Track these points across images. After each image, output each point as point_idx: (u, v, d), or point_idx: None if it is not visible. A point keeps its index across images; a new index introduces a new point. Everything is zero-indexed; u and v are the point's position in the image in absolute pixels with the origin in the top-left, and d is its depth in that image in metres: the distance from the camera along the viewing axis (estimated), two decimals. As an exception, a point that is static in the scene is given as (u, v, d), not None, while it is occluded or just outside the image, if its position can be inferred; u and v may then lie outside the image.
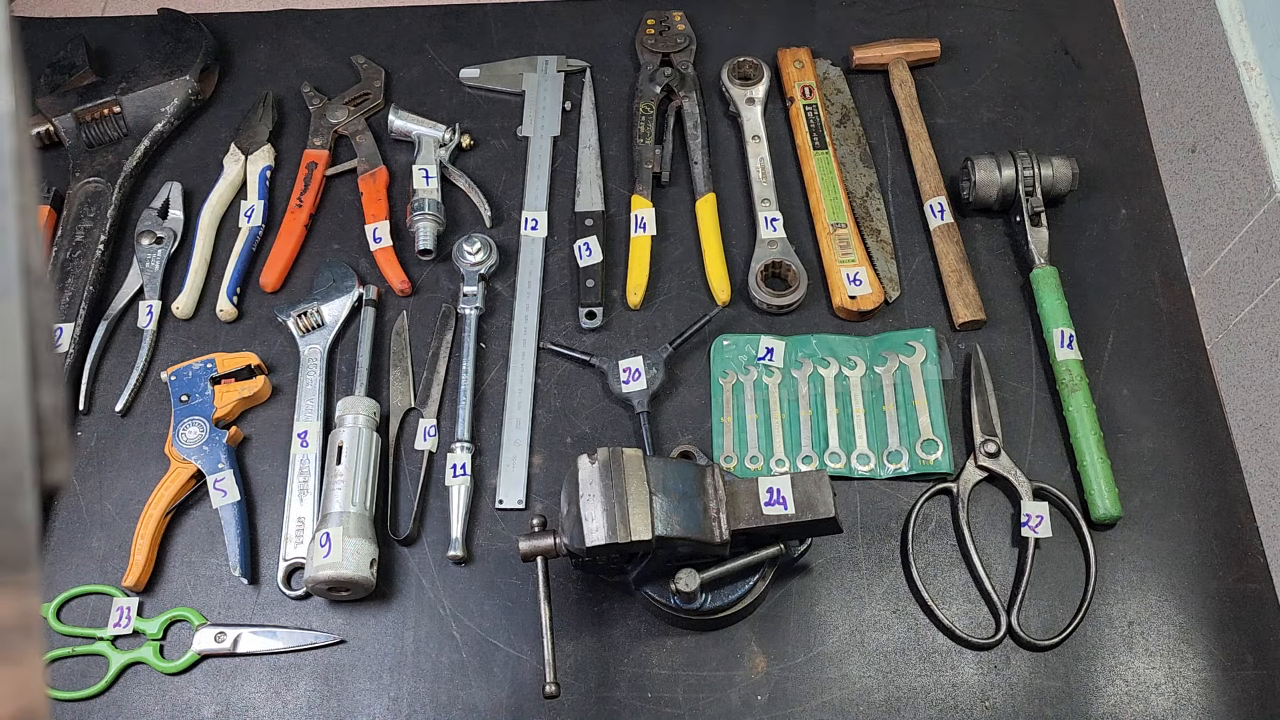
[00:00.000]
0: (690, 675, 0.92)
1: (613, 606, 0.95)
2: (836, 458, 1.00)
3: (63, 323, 1.08)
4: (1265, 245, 0.95)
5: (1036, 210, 1.08)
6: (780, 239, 1.11)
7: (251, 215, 1.15)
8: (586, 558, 0.84)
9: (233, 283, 1.11)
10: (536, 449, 1.03)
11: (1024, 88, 1.22)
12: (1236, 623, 0.93)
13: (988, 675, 0.91)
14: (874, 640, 0.93)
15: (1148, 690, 0.90)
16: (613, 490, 0.80)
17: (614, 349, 1.07)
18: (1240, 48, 1.01)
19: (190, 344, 1.10)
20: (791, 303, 1.08)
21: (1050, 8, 1.27)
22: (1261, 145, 0.96)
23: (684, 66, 1.22)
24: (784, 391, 1.04)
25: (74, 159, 1.18)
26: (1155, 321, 1.07)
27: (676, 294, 1.11)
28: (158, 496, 0.99)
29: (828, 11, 1.29)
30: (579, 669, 0.93)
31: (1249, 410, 0.99)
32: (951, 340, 1.06)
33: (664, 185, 1.17)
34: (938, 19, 1.27)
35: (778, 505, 0.83)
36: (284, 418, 1.05)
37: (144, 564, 0.96)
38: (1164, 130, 1.16)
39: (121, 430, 1.06)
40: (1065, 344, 1.02)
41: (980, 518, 0.98)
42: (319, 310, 1.08)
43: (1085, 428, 0.98)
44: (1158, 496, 0.98)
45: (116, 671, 0.94)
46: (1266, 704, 0.90)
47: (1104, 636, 0.92)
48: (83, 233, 1.14)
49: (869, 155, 1.18)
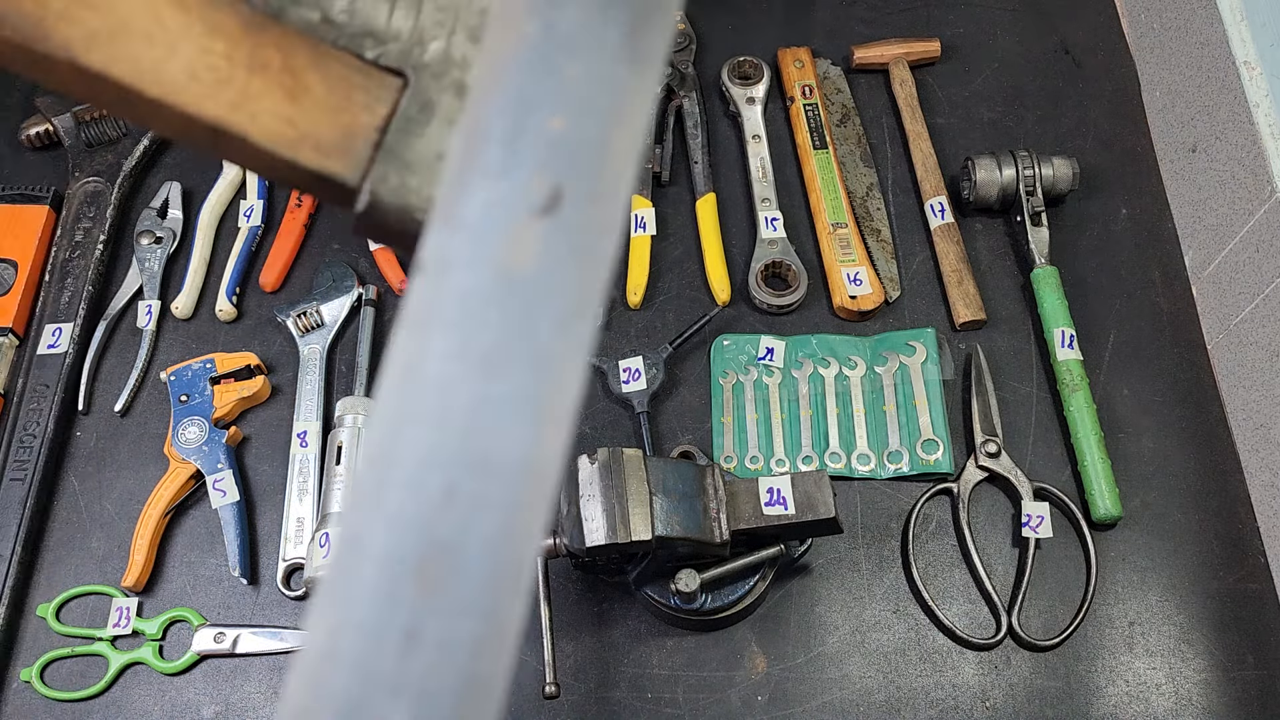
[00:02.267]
0: (690, 676, 0.92)
1: (613, 606, 0.95)
2: (837, 458, 1.00)
3: (62, 322, 1.08)
4: (1266, 245, 0.95)
5: (1037, 210, 1.08)
6: (780, 239, 1.11)
7: (251, 215, 1.15)
8: (586, 558, 0.84)
9: (232, 282, 1.11)
10: (536, 449, 1.03)
11: (1024, 87, 1.22)
12: (1237, 623, 0.93)
13: (988, 675, 0.91)
14: (874, 640, 0.93)
15: (1148, 690, 0.90)
16: (613, 490, 0.80)
17: (614, 349, 1.07)
18: (1241, 47, 1.01)
19: (190, 344, 1.10)
20: (792, 303, 1.08)
21: (1051, 7, 1.27)
22: (1262, 145, 0.96)
23: (684, 66, 1.22)
24: (784, 391, 1.04)
25: (73, 159, 1.18)
26: (1156, 321, 1.06)
27: (676, 294, 1.11)
28: (157, 497, 0.99)
29: (828, 11, 1.28)
30: (579, 669, 0.92)
31: (1250, 410, 0.99)
32: (952, 340, 1.06)
33: (664, 185, 1.17)
34: (938, 18, 1.27)
35: (778, 505, 0.83)
36: (283, 418, 1.05)
37: (143, 564, 0.96)
38: (1164, 130, 1.15)
39: (121, 430, 1.06)
40: (1066, 344, 1.02)
41: (981, 518, 0.98)
42: (318, 310, 1.08)
43: (1086, 428, 0.98)
44: (1158, 497, 0.98)
45: (116, 672, 0.94)
46: (1267, 704, 0.90)
47: (1104, 637, 0.92)
48: (82, 232, 1.14)
49: (869, 155, 1.18)
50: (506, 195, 0.29)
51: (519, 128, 0.29)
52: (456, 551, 0.27)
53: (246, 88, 0.36)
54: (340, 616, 0.26)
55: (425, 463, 0.27)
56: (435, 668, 0.26)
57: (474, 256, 0.28)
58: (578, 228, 0.29)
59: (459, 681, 0.26)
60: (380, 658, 0.26)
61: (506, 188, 0.29)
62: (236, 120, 0.36)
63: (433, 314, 0.28)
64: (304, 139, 0.37)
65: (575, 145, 0.29)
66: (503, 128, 0.29)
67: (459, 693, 0.26)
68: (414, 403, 0.28)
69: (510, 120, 0.29)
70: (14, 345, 1.09)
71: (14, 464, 1.01)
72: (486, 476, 0.27)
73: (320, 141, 0.37)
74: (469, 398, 0.27)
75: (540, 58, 0.29)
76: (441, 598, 0.26)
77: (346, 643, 0.26)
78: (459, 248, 0.28)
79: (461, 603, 0.26)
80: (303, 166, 0.37)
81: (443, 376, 0.28)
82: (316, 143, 0.37)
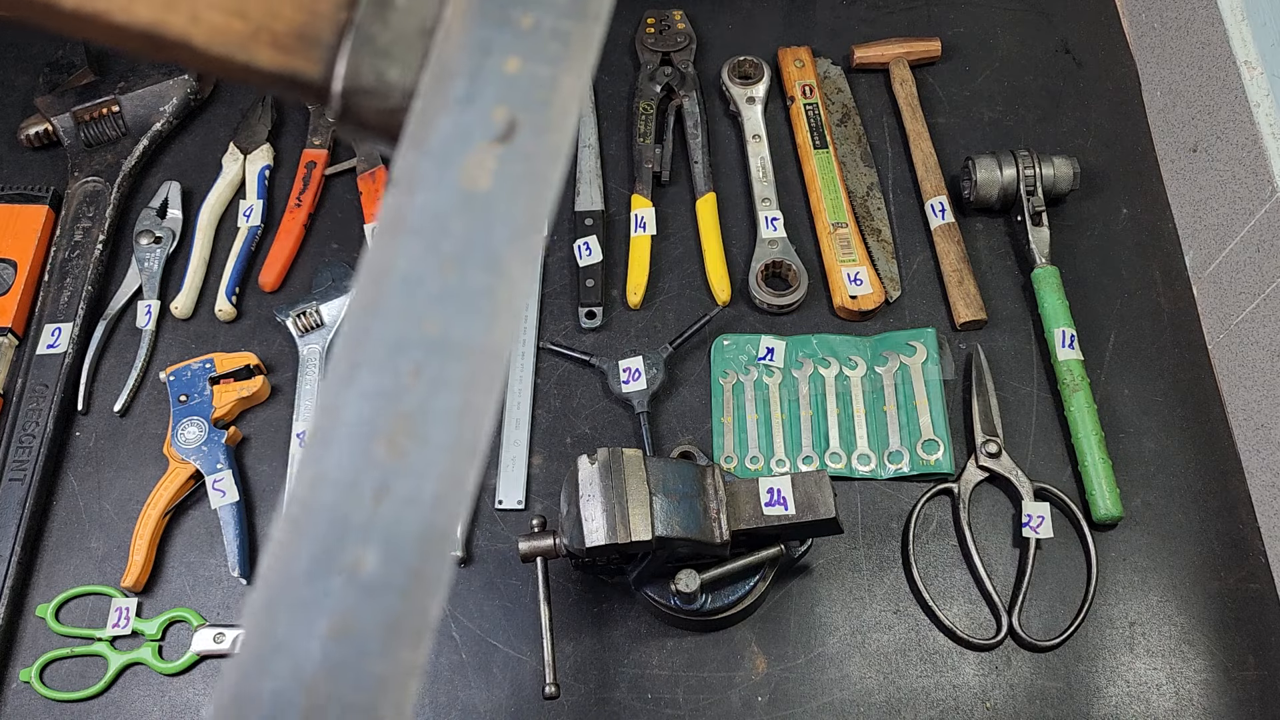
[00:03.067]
0: (690, 676, 0.92)
1: (613, 607, 0.95)
2: (837, 458, 1.00)
3: (61, 322, 1.08)
4: (1267, 245, 0.95)
5: (1037, 210, 1.08)
6: (781, 238, 1.11)
7: (250, 215, 1.15)
8: (586, 558, 0.84)
9: (231, 282, 1.11)
10: (536, 449, 1.03)
11: (1025, 87, 1.21)
12: (1238, 623, 0.93)
13: (989, 676, 0.91)
14: (875, 641, 0.93)
15: (1149, 691, 0.90)
16: (613, 491, 0.80)
17: (614, 349, 1.07)
18: (1241, 47, 1.01)
19: (189, 344, 1.10)
20: (792, 302, 1.08)
21: (1051, 7, 1.27)
22: (1263, 144, 0.96)
23: (684, 65, 1.22)
24: (784, 391, 1.04)
25: (73, 158, 1.18)
26: (1156, 321, 1.06)
27: (676, 294, 1.11)
28: (156, 497, 0.99)
29: (828, 10, 1.28)
30: (579, 670, 0.92)
31: (1250, 410, 0.98)
32: (952, 340, 1.06)
33: (664, 184, 1.17)
34: (939, 18, 1.27)
35: (778, 506, 0.83)
36: (283, 418, 1.05)
37: (143, 564, 0.96)
38: (1165, 129, 1.15)
39: (120, 430, 1.05)
40: (1066, 344, 1.02)
41: (981, 518, 0.98)
42: (318, 310, 1.08)
43: (1086, 428, 0.98)
44: (1159, 497, 0.98)
45: (115, 672, 0.93)
46: (1268, 704, 0.89)
47: (1105, 637, 0.92)
48: (81, 232, 1.14)
49: (869, 154, 1.18)
50: (468, 124, 0.33)
51: (479, 67, 0.33)
52: (421, 421, 0.31)
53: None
54: (318, 471, 0.31)
55: (395, 345, 0.32)
56: (401, 519, 0.31)
57: (439, 176, 0.33)
58: (529, 154, 0.33)
59: (421, 530, 0.31)
60: (354, 508, 0.30)
61: (468, 117, 0.33)
62: (175, 23, 0.33)
63: (402, 223, 0.32)
64: (258, 34, 0.34)
65: (529, 84, 0.33)
66: (466, 67, 0.33)
67: (421, 539, 0.30)
68: (386, 296, 0.32)
69: (472, 61, 0.33)
70: (13, 345, 1.09)
71: (13, 464, 1.01)
72: (448, 358, 0.32)
73: (278, 34, 0.34)
74: (433, 292, 0.32)
75: (498, 8, 0.33)
76: (408, 459, 0.31)
77: (325, 494, 0.31)
78: (427, 168, 0.33)
79: (425, 465, 0.31)
80: (259, 69, 0.34)
81: (411, 274, 0.32)
82: (273, 36, 0.34)
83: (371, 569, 0.30)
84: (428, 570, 0.30)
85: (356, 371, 0.31)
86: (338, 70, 0.34)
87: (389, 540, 0.30)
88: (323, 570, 0.30)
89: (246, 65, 0.34)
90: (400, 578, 0.30)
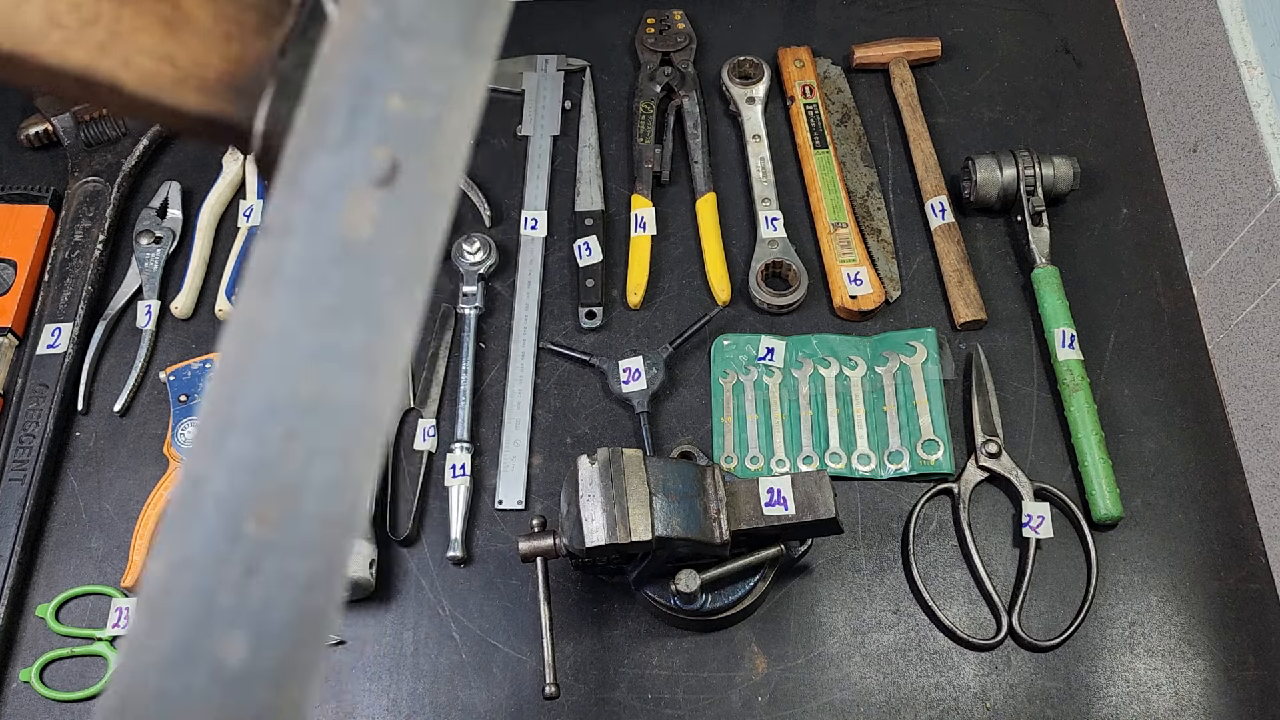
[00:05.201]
0: (690, 676, 0.92)
1: (613, 607, 0.95)
2: (837, 458, 1.00)
3: (61, 322, 1.08)
4: (1267, 245, 0.95)
5: (1037, 210, 1.08)
6: (781, 238, 1.11)
7: (251, 214, 1.15)
8: (586, 558, 0.84)
9: (231, 282, 1.11)
10: (536, 449, 1.03)
11: (1025, 87, 1.21)
12: (1238, 623, 0.93)
13: (989, 676, 0.91)
14: (875, 641, 0.93)
15: (1149, 691, 0.90)
16: (613, 491, 0.80)
17: (614, 349, 1.07)
18: (1241, 47, 1.01)
19: (189, 344, 1.10)
20: (792, 302, 1.08)
21: (1051, 7, 1.27)
22: (1263, 145, 0.96)
23: (684, 65, 1.22)
24: (784, 391, 1.04)
25: (73, 158, 1.18)
26: (1157, 321, 1.06)
27: (676, 294, 1.11)
28: (157, 497, 0.99)
29: (828, 10, 1.28)
30: (579, 670, 0.92)
31: (1250, 410, 0.98)
32: (952, 340, 1.06)
33: (664, 184, 1.17)
34: (939, 18, 1.27)
35: (778, 506, 0.83)
36: (283, 418, 1.05)
37: (143, 564, 0.96)
38: (1165, 129, 1.15)
39: (120, 430, 1.05)
40: (1066, 344, 1.02)
41: (981, 518, 0.98)
42: (318, 310, 1.08)
43: (1086, 428, 0.98)
44: (1159, 497, 0.98)
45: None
46: (1268, 705, 0.89)
47: (1105, 637, 0.92)
48: (81, 232, 1.14)
49: (869, 154, 1.18)
50: (347, 165, 0.31)
51: (359, 105, 0.31)
52: (295, 492, 0.29)
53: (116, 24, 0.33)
54: (181, 554, 0.28)
55: (266, 409, 0.29)
56: (273, 601, 0.28)
57: (315, 222, 0.30)
58: (413, 199, 0.31)
59: (295, 614, 0.28)
60: (220, 592, 0.28)
61: (346, 159, 0.31)
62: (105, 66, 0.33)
63: (275, 273, 0.30)
64: (185, 79, 0.34)
65: (412, 123, 0.31)
66: (345, 104, 0.31)
67: (294, 624, 0.28)
68: (257, 354, 0.29)
69: (352, 98, 0.31)
70: (13, 345, 1.09)
71: (13, 464, 1.01)
72: (324, 422, 0.29)
73: (205, 80, 0.34)
74: (308, 349, 0.29)
75: (381, 41, 0.32)
76: (280, 535, 0.28)
77: (187, 577, 0.28)
78: (303, 213, 0.30)
79: (299, 540, 0.28)
80: (185, 111, 0.34)
81: (283, 330, 0.30)
82: (201, 81, 0.34)
83: (240, 658, 0.27)
84: (301, 657, 0.28)
85: (224, 438, 0.29)
86: (260, 112, 0.34)
87: (259, 625, 0.28)
88: (185, 662, 0.27)
89: (174, 108, 0.34)
90: (271, 667, 0.27)
